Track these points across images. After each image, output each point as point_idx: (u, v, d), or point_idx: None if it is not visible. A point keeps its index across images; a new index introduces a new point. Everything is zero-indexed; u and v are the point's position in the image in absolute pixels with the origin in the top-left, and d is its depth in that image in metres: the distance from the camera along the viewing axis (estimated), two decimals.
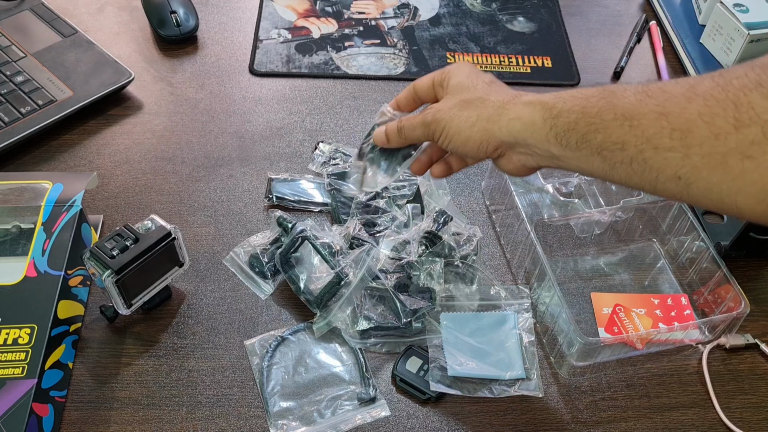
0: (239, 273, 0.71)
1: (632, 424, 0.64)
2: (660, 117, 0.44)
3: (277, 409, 0.62)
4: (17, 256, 0.66)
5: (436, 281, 0.69)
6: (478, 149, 0.55)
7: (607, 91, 0.48)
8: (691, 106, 0.42)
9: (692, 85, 0.43)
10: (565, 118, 0.49)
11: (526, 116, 0.52)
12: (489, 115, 0.54)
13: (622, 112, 0.46)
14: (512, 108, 0.53)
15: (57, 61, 0.88)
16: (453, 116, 0.55)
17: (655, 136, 0.44)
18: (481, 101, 0.55)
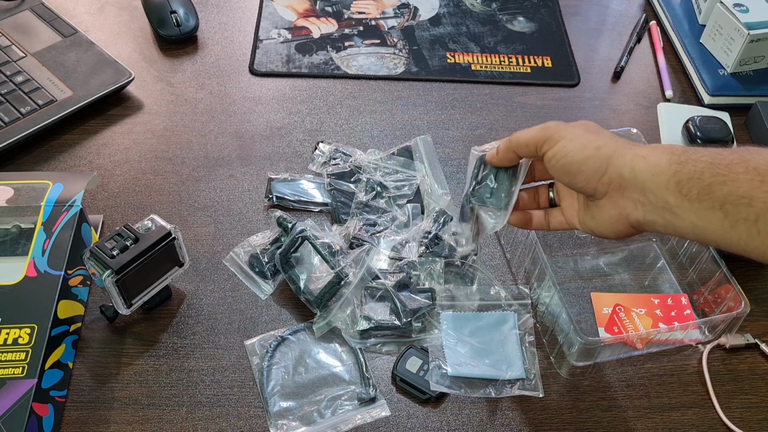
0: (239, 273, 0.71)
1: (632, 424, 0.64)
2: (765, 181, 0.42)
3: (277, 409, 0.62)
4: (17, 256, 0.66)
5: (436, 281, 0.69)
6: (592, 175, 0.51)
7: (742, 149, 0.46)
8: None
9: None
10: (692, 166, 0.47)
11: (652, 157, 0.49)
12: (617, 146, 0.51)
13: (755, 166, 0.44)
14: (639, 148, 0.50)
15: (57, 61, 0.88)
16: (578, 134, 0.52)
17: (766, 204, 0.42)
18: (608, 137, 0.52)
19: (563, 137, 0.53)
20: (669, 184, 0.47)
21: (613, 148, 0.51)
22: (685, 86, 0.96)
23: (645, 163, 0.49)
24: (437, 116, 0.89)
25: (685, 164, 0.47)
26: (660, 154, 0.49)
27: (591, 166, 0.51)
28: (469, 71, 0.95)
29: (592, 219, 0.54)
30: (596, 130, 0.54)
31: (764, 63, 0.93)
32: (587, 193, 0.53)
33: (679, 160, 0.48)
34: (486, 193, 0.59)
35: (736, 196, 0.44)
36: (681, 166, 0.47)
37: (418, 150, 0.81)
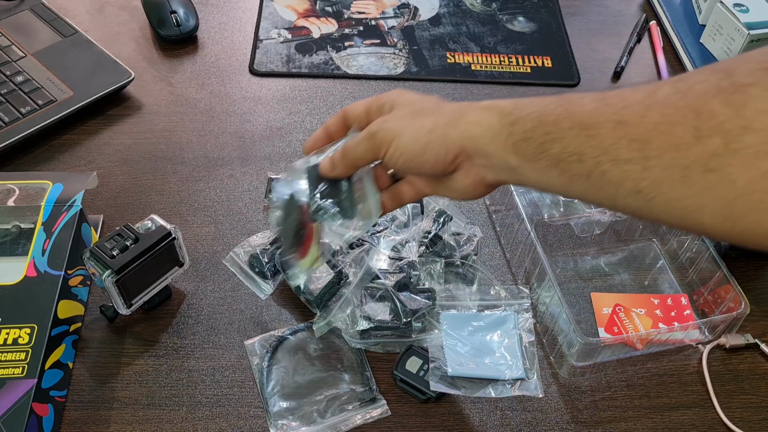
0: (239, 273, 0.71)
1: (632, 424, 0.64)
2: (617, 126, 0.41)
3: (277, 409, 0.62)
4: (17, 256, 0.66)
5: (436, 281, 0.69)
6: (436, 160, 0.50)
7: (564, 99, 0.45)
8: (649, 114, 0.39)
9: (651, 92, 0.40)
10: (522, 126, 0.46)
11: (484, 121, 0.48)
12: (447, 121, 0.50)
13: (579, 120, 0.43)
14: (471, 112, 0.49)
15: (57, 61, 0.88)
16: (405, 125, 0.51)
17: (613, 147, 0.41)
18: (435, 110, 0.51)
19: (393, 137, 0.51)
20: (506, 146, 0.47)
21: (444, 124, 0.50)
22: None
23: (480, 128, 0.48)
24: None
25: (515, 124, 0.46)
26: (491, 116, 0.48)
27: (431, 152, 0.50)
28: (469, 71, 0.96)
29: (448, 190, 0.53)
30: (421, 109, 0.52)
31: None
32: (439, 174, 0.52)
33: (508, 120, 0.47)
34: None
35: (567, 153, 0.43)
36: (512, 126, 0.46)
37: None
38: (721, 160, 0.36)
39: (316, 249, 0.57)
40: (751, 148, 0.35)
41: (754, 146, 0.35)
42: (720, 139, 0.36)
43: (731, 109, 0.36)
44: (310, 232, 0.57)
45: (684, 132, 0.38)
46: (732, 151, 0.36)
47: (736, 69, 0.37)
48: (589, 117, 0.42)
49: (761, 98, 0.35)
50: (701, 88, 0.38)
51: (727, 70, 0.38)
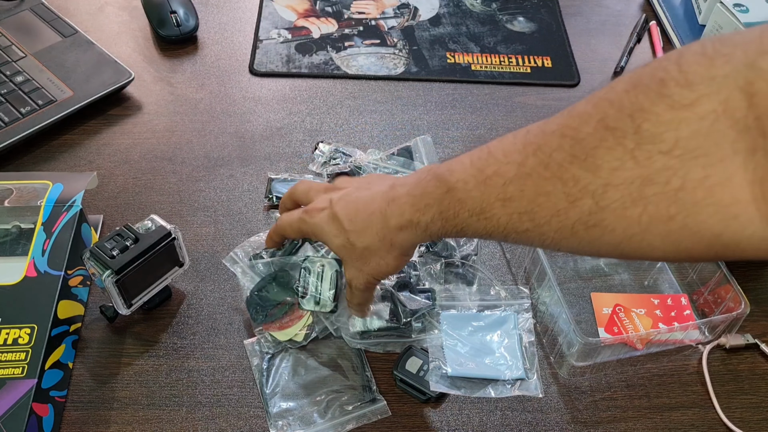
0: (239, 273, 0.71)
1: (632, 424, 0.64)
2: (505, 204, 0.45)
3: (277, 409, 0.62)
4: (17, 256, 0.66)
5: (436, 281, 0.69)
6: (379, 255, 0.56)
7: (449, 188, 0.49)
8: (526, 188, 0.44)
9: (520, 164, 0.45)
10: (433, 228, 0.51)
11: (408, 238, 0.53)
12: (386, 251, 0.55)
13: (472, 208, 0.48)
14: (394, 238, 0.54)
15: (57, 61, 0.88)
16: (368, 272, 0.57)
17: (510, 223, 0.46)
18: (368, 250, 0.55)
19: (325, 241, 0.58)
20: (433, 238, 0.53)
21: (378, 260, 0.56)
22: None
23: (407, 247, 0.55)
24: (437, 116, 0.89)
25: (427, 230, 0.52)
26: (407, 236, 0.53)
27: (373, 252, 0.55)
28: (469, 71, 0.96)
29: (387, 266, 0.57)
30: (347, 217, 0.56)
31: None
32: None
33: (421, 230, 0.52)
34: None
35: (479, 233, 0.49)
36: (426, 232, 0.52)
37: (418, 150, 0.81)
38: (596, 216, 0.41)
39: (303, 324, 0.66)
40: (617, 201, 0.40)
41: (619, 199, 0.40)
42: (590, 199, 0.41)
43: (590, 173, 0.41)
44: (295, 312, 0.66)
45: (558, 199, 0.43)
46: (602, 208, 0.41)
47: (581, 131, 0.41)
48: (479, 203, 0.47)
49: (610, 157, 0.39)
50: (559, 157, 0.42)
51: (575, 137, 0.42)
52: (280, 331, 0.65)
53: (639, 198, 0.39)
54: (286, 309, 0.66)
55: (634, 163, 0.38)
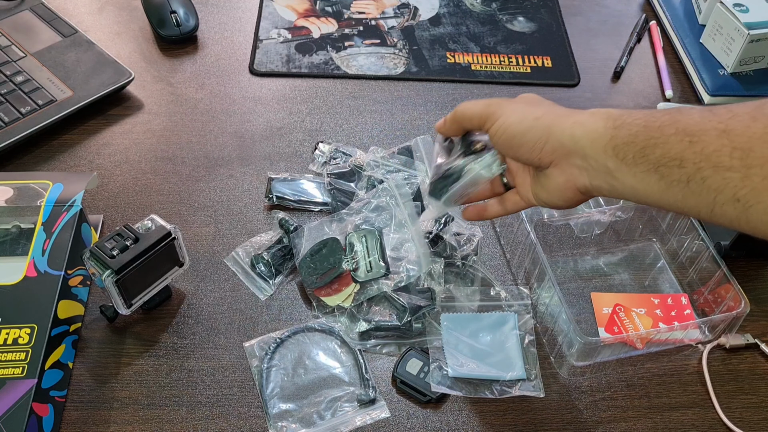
0: (240, 273, 0.71)
1: (632, 423, 0.64)
2: (721, 134, 0.42)
3: (276, 411, 0.62)
4: (17, 256, 0.66)
5: (436, 281, 0.69)
6: (534, 145, 0.52)
7: (674, 110, 0.46)
8: (755, 125, 0.41)
9: (759, 105, 0.41)
10: (627, 130, 0.47)
11: (589, 123, 0.50)
12: (555, 115, 0.52)
13: (684, 127, 0.44)
14: (577, 115, 0.51)
15: (57, 61, 0.88)
16: (516, 108, 0.54)
17: (715, 153, 0.42)
18: (547, 107, 0.54)
19: (504, 113, 0.54)
20: (607, 149, 0.48)
21: (552, 118, 0.52)
22: (685, 86, 0.96)
23: (583, 129, 0.50)
24: (437, 116, 0.89)
25: (621, 128, 0.48)
26: (598, 119, 0.49)
27: (532, 136, 0.52)
28: (469, 71, 0.95)
29: (543, 190, 0.54)
30: (536, 101, 0.55)
31: (764, 63, 0.93)
32: (533, 163, 0.54)
33: (615, 125, 0.48)
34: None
35: (668, 158, 0.45)
36: (617, 130, 0.48)
37: (419, 150, 0.81)
38: None
39: (350, 291, 0.67)
40: None
41: None
42: None
43: None
44: (346, 277, 0.68)
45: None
46: None
47: None
48: (694, 124, 0.44)
49: None
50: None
51: None
52: (328, 297, 0.67)
53: None
54: (335, 275, 0.68)
55: None
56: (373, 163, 0.79)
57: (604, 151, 0.48)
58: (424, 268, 0.68)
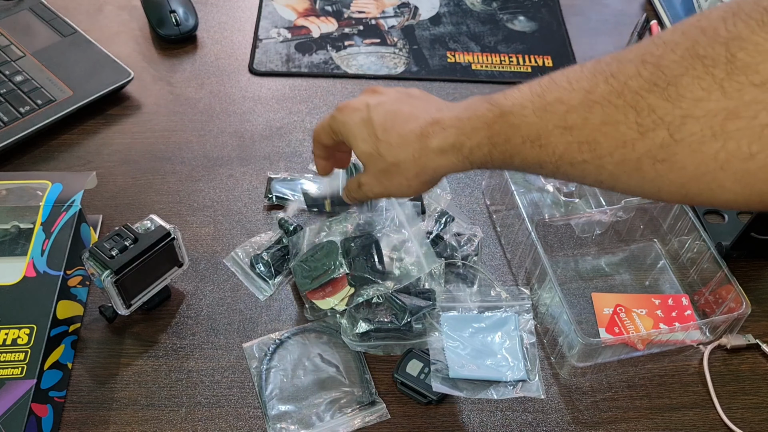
0: (240, 273, 0.71)
1: (633, 424, 0.63)
2: (565, 132, 0.43)
3: (275, 412, 0.62)
4: (16, 256, 0.66)
5: (436, 282, 0.69)
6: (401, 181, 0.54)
7: (503, 112, 0.47)
8: (592, 116, 0.41)
9: (588, 91, 0.42)
10: (478, 153, 0.49)
11: (445, 164, 0.51)
12: (415, 174, 0.53)
13: (526, 134, 0.45)
14: (429, 161, 0.52)
15: (56, 60, 0.87)
16: (386, 186, 0.55)
17: (567, 152, 0.43)
18: (396, 167, 0.54)
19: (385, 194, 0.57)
20: (473, 167, 0.51)
21: (414, 175, 0.53)
22: None
23: (445, 169, 0.52)
24: None
25: (472, 154, 0.50)
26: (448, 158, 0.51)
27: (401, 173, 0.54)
28: (469, 71, 0.95)
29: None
30: (385, 170, 0.54)
31: None
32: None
33: (464, 154, 0.50)
34: None
35: (528, 164, 0.47)
36: (470, 156, 0.50)
37: None
38: (668, 150, 0.38)
39: (344, 295, 0.67)
40: (695, 135, 0.37)
41: (698, 133, 0.37)
42: (664, 131, 0.38)
43: (669, 102, 0.37)
44: (342, 280, 0.67)
45: (628, 129, 0.39)
46: (677, 141, 0.38)
47: (665, 59, 0.38)
48: (536, 129, 0.45)
49: (695, 86, 0.36)
50: (635, 84, 0.39)
51: (657, 64, 0.39)
52: (321, 300, 0.67)
53: (720, 132, 0.36)
54: (329, 278, 0.67)
55: (721, 93, 0.36)
56: None
57: (472, 169, 0.52)
58: (425, 268, 0.68)
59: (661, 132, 0.38)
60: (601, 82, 0.42)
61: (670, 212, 0.75)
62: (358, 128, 0.54)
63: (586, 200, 0.78)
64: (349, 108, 0.55)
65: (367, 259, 0.68)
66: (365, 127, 0.54)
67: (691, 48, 0.37)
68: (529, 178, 0.78)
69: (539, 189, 0.78)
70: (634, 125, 0.39)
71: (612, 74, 0.41)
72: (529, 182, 0.78)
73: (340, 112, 0.56)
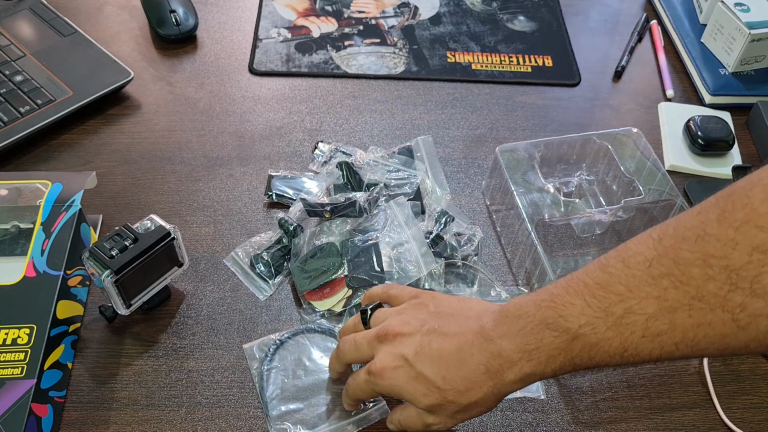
0: (240, 273, 0.71)
1: (633, 424, 0.63)
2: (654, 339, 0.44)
3: (277, 413, 0.62)
4: (16, 256, 0.66)
5: (436, 282, 0.69)
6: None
7: (575, 336, 0.46)
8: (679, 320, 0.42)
9: (659, 297, 0.43)
10: (560, 372, 0.48)
11: (518, 387, 0.50)
12: (494, 401, 0.51)
13: (611, 350, 0.45)
14: (506, 389, 0.50)
15: (56, 60, 0.87)
16: (462, 419, 0.53)
17: (664, 352, 0.44)
18: (474, 405, 0.51)
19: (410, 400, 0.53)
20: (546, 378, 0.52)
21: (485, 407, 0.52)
22: (686, 86, 0.95)
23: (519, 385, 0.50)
24: (437, 116, 0.89)
25: (545, 371, 0.48)
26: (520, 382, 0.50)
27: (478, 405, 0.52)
28: (469, 70, 0.95)
29: None
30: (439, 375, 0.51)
31: (765, 62, 0.92)
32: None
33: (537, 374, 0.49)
34: None
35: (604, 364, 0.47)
36: (543, 374, 0.49)
37: (419, 150, 0.81)
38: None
39: (342, 297, 0.67)
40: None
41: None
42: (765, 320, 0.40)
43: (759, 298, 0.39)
44: (340, 282, 0.67)
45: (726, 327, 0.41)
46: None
47: (732, 260, 0.40)
48: (619, 343, 0.45)
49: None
50: (714, 288, 0.41)
51: (728, 266, 0.40)
52: (319, 301, 0.67)
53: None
54: (327, 279, 0.67)
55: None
56: (372, 163, 0.78)
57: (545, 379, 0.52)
58: (423, 270, 0.68)
59: (763, 321, 0.40)
60: (670, 287, 0.42)
61: (670, 212, 0.75)
62: (413, 386, 0.51)
63: (586, 200, 0.78)
64: (388, 369, 0.52)
65: (366, 260, 0.68)
66: (419, 383, 0.51)
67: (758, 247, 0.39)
68: (529, 178, 0.78)
69: (539, 189, 0.78)
70: (731, 322, 0.41)
71: (680, 280, 0.42)
72: (529, 182, 0.78)
73: (379, 377, 0.53)
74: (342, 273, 0.68)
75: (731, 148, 0.85)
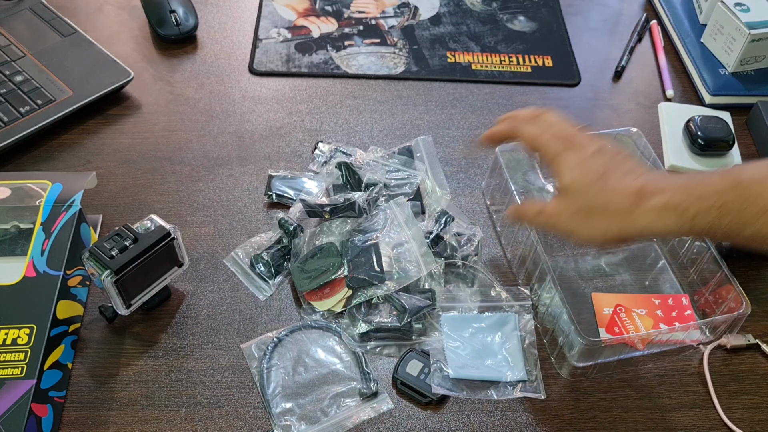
0: (240, 273, 0.71)
1: (633, 424, 0.63)
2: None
3: (279, 410, 0.62)
4: (16, 256, 0.66)
5: (436, 282, 0.69)
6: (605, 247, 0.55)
7: (739, 182, 0.48)
8: None
9: None
10: (705, 218, 0.49)
11: (658, 224, 0.51)
12: (620, 225, 0.53)
13: (765, 205, 0.46)
14: (642, 216, 0.51)
15: (56, 60, 0.87)
16: (578, 225, 0.55)
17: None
18: (603, 210, 0.53)
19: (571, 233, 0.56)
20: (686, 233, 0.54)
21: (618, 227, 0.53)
22: (686, 86, 0.95)
23: (654, 230, 0.52)
24: (437, 116, 0.89)
25: (697, 218, 0.50)
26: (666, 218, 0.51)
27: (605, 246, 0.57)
28: (469, 71, 0.95)
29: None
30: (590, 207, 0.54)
31: (765, 62, 0.92)
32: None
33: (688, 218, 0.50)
34: None
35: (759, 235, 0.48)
36: (694, 221, 0.50)
37: (419, 150, 0.81)
38: None
39: (342, 297, 0.67)
40: None
41: None
42: None
43: None
44: (340, 282, 0.67)
45: None
46: None
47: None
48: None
49: None
50: None
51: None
52: (319, 301, 0.67)
53: None
54: (327, 280, 0.68)
55: None
56: (372, 163, 0.78)
57: (682, 234, 0.55)
58: (423, 270, 0.68)
59: None
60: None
61: None
62: (571, 161, 0.55)
63: None
64: (576, 144, 0.56)
65: (366, 260, 0.68)
66: (579, 165, 0.54)
67: None
68: (529, 178, 0.78)
69: (539, 189, 0.78)
70: None
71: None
72: (529, 182, 0.78)
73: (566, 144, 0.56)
74: (342, 273, 0.68)
75: (731, 148, 0.85)
